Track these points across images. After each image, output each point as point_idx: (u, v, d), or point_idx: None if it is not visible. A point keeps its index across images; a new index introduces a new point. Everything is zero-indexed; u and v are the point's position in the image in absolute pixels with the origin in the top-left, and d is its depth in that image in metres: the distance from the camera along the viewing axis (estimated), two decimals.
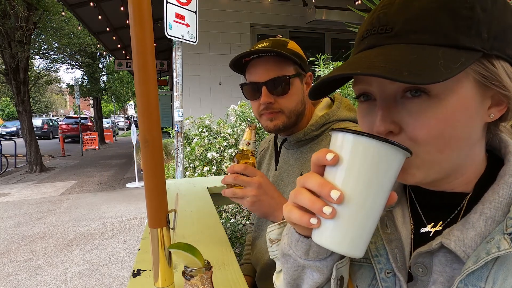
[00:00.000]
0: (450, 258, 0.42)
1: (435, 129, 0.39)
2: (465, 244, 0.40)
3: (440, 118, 0.39)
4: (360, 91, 0.45)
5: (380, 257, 0.49)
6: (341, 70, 0.39)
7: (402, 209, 0.51)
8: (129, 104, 25.34)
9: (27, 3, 7.76)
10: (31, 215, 4.82)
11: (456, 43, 0.37)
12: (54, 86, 33.76)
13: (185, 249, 0.51)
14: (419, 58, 0.36)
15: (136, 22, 0.56)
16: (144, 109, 0.59)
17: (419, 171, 0.42)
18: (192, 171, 2.63)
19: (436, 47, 0.37)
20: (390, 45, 0.39)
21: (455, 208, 0.45)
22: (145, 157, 0.61)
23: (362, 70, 0.37)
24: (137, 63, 0.58)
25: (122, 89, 22.38)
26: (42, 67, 16.47)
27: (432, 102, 0.39)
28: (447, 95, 0.38)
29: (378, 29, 0.40)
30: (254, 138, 0.84)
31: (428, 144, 0.40)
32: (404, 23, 0.38)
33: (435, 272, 0.43)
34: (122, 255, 3.45)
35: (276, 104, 0.92)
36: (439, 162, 0.41)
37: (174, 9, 2.53)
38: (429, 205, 0.49)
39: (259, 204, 0.81)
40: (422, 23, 0.38)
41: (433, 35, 0.37)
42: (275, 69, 0.90)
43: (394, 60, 0.36)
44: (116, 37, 8.24)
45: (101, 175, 7.86)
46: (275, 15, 5.66)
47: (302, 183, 0.40)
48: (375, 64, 0.37)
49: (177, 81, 2.71)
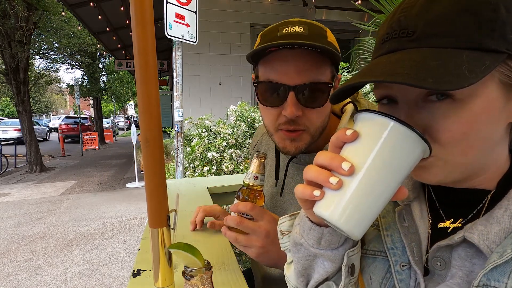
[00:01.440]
0: (470, 253, 0.42)
1: (459, 133, 0.39)
2: (488, 238, 0.40)
3: (463, 122, 0.38)
4: (381, 95, 0.45)
5: (396, 249, 0.49)
6: (364, 77, 0.39)
7: (420, 204, 0.51)
8: (129, 104, 25.33)
9: (27, 3, 7.76)
10: (31, 215, 4.82)
11: (480, 46, 0.36)
12: (54, 86, 33.78)
13: (185, 249, 0.51)
14: (443, 63, 0.35)
15: (138, 22, 0.56)
16: (145, 109, 0.59)
17: (441, 171, 0.42)
18: (192, 171, 2.63)
19: (459, 51, 0.36)
20: (412, 49, 0.39)
21: (476, 205, 0.45)
22: (146, 157, 0.61)
23: (385, 78, 0.36)
24: (138, 63, 0.58)
25: (122, 89, 22.39)
26: (42, 67, 16.50)
27: (456, 105, 0.38)
28: (471, 98, 0.38)
29: (399, 33, 0.40)
30: (263, 171, 0.71)
31: (452, 146, 0.40)
32: (426, 27, 0.38)
33: (454, 266, 0.43)
34: (122, 255, 3.45)
35: (304, 119, 0.69)
36: (462, 164, 0.41)
37: (174, 9, 2.53)
38: (449, 201, 0.49)
39: (266, 256, 0.71)
40: (445, 27, 0.37)
41: (456, 38, 0.37)
42: (311, 71, 0.66)
43: (417, 66, 0.36)
44: (116, 37, 8.24)
45: (101, 175, 7.86)
46: (275, 15, 5.66)
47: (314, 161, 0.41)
48: (398, 70, 0.36)
49: (177, 81, 2.71)
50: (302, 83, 0.66)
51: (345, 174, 0.36)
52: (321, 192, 0.38)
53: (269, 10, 5.65)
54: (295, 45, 0.63)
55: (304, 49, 0.65)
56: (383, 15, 2.05)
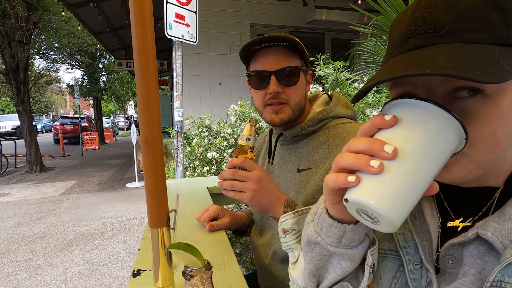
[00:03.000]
0: (482, 250, 0.42)
1: (489, 128, 0.38)
2: (502, 235, 0.40)
3: (493, 117, 0.38)
4: (400, 93, 0.43)
5: (408, 248, 0.49)
6: (396, 72, 0.37)
7: (429, 203, 0.50)
8: (129, 104, 25.32)
9: (27, 3, 7.76)
10: (31, 215, 4.82)
11: (509, 41, 0.37)
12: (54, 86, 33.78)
13: (185, 249, 0.51)
14: (482, 57, 0.35)
15: (138, 22, 0.56)
16: (145, 109, 0.59)
17: (463, 169, 0.41)
18: (192, 171, 2.63)
19: (492, 46, 0.36)
20: (443, 44, 0.38)
21: (485, 203, 0.45)
22: (145, 157, 0.61)
23: (431, 71, 0.34)
24: (138, 63, 0.58)
25: (122, 89, 22.38)
26: (42, 67, 16.48)
27: (486, 101, 0.38)
28: (500, 94, 0.38)
29: (426, 29, 0.39)
30: (254, 134, 0.84)
31: (480, 144, 0.39)
32: (455, 22, 0.37)
33: (466, 264, 0.43)
34: (122, 255, 3.45)
35: (284, 95, 0.91)
36: (486, 162, 0.41)
37: (174, 9, 2.53)
38: (457, 200, 0.48)
39: (258, 199, 0.80)
40: (473, 22, 0.37)
41: (486, 33, 0.37)
42: (285, 59, 0.90)
43: (459, 59, 0.35)
44: (116, 37, 8.24)
45: (101, 175, 7.86)
46: (275, 15, 5.66)
47: (346, 149, 0.39)
48: (440, 63, 0.35)
49: (177, 81, 2.71)
50: (280, 68, 0.89)
51: (389, 157, 0.34)
52: (356, 178, 0.36)
53: (269, 10, 5.64)
54: (273, 41, 0.88)
55: (279, 45, 0.89)
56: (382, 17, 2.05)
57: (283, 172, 1.01)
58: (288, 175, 0.98)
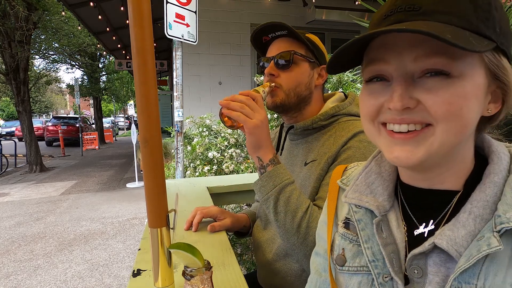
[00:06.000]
0: (443, 258, 0.43)
1: (456, 105, 0.39)
2: (456, 243, 0.41)
3: (460, 95, 0.39)
4: (374, 72, 0.45)
5: (377, 262, 0.49)
6: (379, 31, 0.39)
7: (395, 213, 0.51)
8: (129, 104, 25.34)
9: (27, 3, 7.76)
10: (31, 215, 4.82)
11: (477, 30, 0.39)
12: (54, 86, 33.73)
13: (185, 249, 0.51)
14: (453, 31, 0.37)
15: (136, 22, 0.56)
16: (144, 109, 0.59)
17: (422, 150, 0.42)
18: (192, 170, 2.63)
19: (462, 29, 0.39)
20: (419, 21, 0.40)
21: (445, 206, 0.46)
22: (144, 157, 0.61)
23: (407, 26, 0.37)
24: (136, 63, 0.58)
25: (122, 89, 22.38)
26: (42, 67, 16.47)
27: (452, 81, 0.40)
28: (464, 77, 0.40)
29: (405, 8, 0.41)
30: (268, 91, 0.93)
31: (448, 122, 0.40)
32: (432, 4, 0.40)
33: (430, 273, 0.44)
34: (122, 255, 3.45)
35: (278, 78, 0.96)
36: (450, 144, 0.42)
37: (174, 9, 2.53)
38: (419, 205, 0.49)
39: (259, 131, 0.84)
40: (448, 6, 0.39)
41: (459, 18, 0.39)
42: (285, 47, 0.95)
43: (434, 26, 0.38)
44: (116, 37, 8.24)
45: (101, 175, 7.86)
46: (275, 15, 5.66)
47: None
48: (417, 26, 0.37)
49: (177, 81, 2.71)
50: (277, 53, 0.96)
51: None
52: None
53: (269, 10, 5.64)
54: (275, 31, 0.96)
55: (282, 35, 0.97)
56: None
57: (290, 166, 1.02)
58: (295, 169, 0.99)
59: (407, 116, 0.41)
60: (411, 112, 0.41)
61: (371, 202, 0.52)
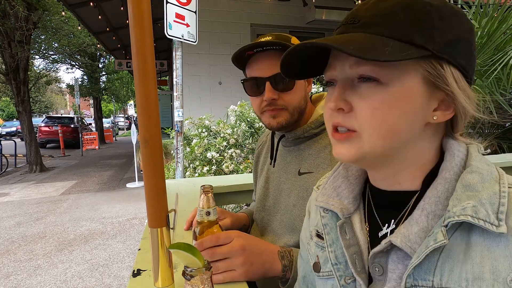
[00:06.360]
0: (401, 256, 0.44)
1: (380, 113, 0.42)
2: (410, 240, 0.42)
3: (385, 102, 0.42)
4: (328, 77, 0.49)
5: (339, 264, 0.51)
6: (305, 43, 0.45)
7: (360, 215, 0.53)
8: (129, 104, 25.34)
9: (27, 3, 7.76)
10: (31, 215, 4.82)
11: (409, 39, 0.41)
12: (54, 86, 33.72)
13: (185, 249, 0.51)
14: (370, 42, 0.41)
15: (136, 22, 0.56)
16: (144, 109, 0.59)
17: (355, 149, 0.45)
18: (192, 171, 2.63)
19: (389, 39, 0.41)
20: (352, 33, 0.44)
21: (405, 206, 0.47)
22: (144, 157, 0.61)
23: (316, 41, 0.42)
24: (136, 63, 0.58)
25: (122, 89, 22.39)
26: (42, 67, 16.47)
27: (381, 88, 0.42)
28: (394, 84, 0.42)
29: (348, 21, 0.45)
30: (213, 203, 0.74)
31: (372, 127, 0.43)
32: (369, 17, 0.43)
33: (390, 270, 0.45)
34: (122, 255, 3.45)
35: (280, 101, 0.88)
36: (380, 147, 0.44)
37: (174, 9, 2.53)
38: (383, 206, 0.51)
39: (253, 270, 0.72)
40: (383, 19, 0.42)
41: (390, 29, 0.42)
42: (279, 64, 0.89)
43: (348, 39, 0.42)
44: (116, 37, 8.24)
45: (101, 175, 7.86)
46: (275, 15, 5.66)
47: None
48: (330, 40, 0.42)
49: (177, 81, 2.71)
50: (273, 74, 0.86)
51: None
52: None
53: (269, 10, 5.64)
54: (265, 46, 0.85)
55: (272, 50, 0.85)
56: None
57: (284, 174, 0.99)
58: (289, 177, 0.97)
59: (341, 121, 0.45)
60: (345, 116, 0.45)
61: (336, 205, 0.54)
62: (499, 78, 2.74)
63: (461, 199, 0.41)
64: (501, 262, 0.37)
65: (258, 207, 1.08)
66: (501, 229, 0.37)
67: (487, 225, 0.37)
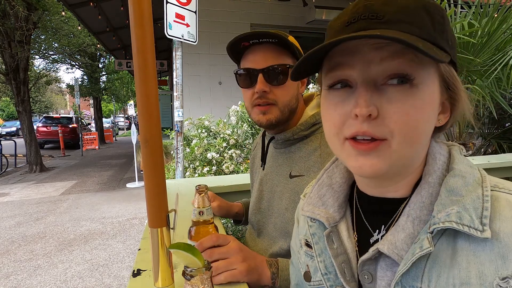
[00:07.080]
0: (389, 263, 0.44)
1: (414, 118, 0.39)
2: (397, 246, 0.42)
3: (418, 107, 0.40)
4: (337, 78, 0.43)
5: (329, 274, 0.51)
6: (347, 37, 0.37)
7: (346, 223, 0.52)
8: (129, 104, 25.32)
9: (27, 3, 7.76)
10: (31, 215, 4.82)
11: (435, 41, 0.40)
12: (54, 86, 33.70)
13: (185, 249, 0.51)
14: (415, 40, 0.37)
15: (137, 21, 0.56)
16: (144, 109, 0.59)
17: (383, 161, 0.41)
18: (192, 171, 2.63)
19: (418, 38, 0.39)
20: (383, 29, 0.39)
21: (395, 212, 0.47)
22: (145, 157, 0.61)
23: (382, 32, 0.37)
24: (137, 63, 0.58)
25: (122, 89, 22.37)
26: (42, 67, 16.46)
27: (413, 91, 0.40)
28: (424, 86, 0.40)
29: (369, 16, 0.40)
30: (208, 203, 0.75)
31: (404, 134, 0.40)
32: (395, 13, 0.39)
33: (379, 278, 0.45)
34: (122, 255, 3.45)
35: (271, 95, 0.86)
36: (406, 156, 0.42)
37: (174, 9, 2.53)
38: (372, 211, 0.50)
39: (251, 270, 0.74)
40: (410, 17, 0.39)
41: (420, 29, 0.39)
42: (274, 57, 0.85)
43: (401, 35, 0.36)
44: (116, 37, 8.24)
45: (101, 175, 7.86)
46: (275, 15, 5.66)
47: None
48: (389, 33, 0.36)
49: (177, 81, 2.71)
50: (267, 66, 0.84)
51: None
52: None
53: (269, 10, 5.64)
54: (261, 38, 0.84)
55: (268, 42, 0.85)
56: None
57: (276, 176, 0.97)
58: (281, 179, 0.95)
59: (369, 129, 0.40)
60: (372, 123, 0.40)
61: (322, 214, 0.53)
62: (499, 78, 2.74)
63: (445, 204, 0.40)
64: (487, 266, 0.37)
65: (254, 209, 1.07)
66: (485, 234, 0.37)
67: (471, 230, 0.37)
